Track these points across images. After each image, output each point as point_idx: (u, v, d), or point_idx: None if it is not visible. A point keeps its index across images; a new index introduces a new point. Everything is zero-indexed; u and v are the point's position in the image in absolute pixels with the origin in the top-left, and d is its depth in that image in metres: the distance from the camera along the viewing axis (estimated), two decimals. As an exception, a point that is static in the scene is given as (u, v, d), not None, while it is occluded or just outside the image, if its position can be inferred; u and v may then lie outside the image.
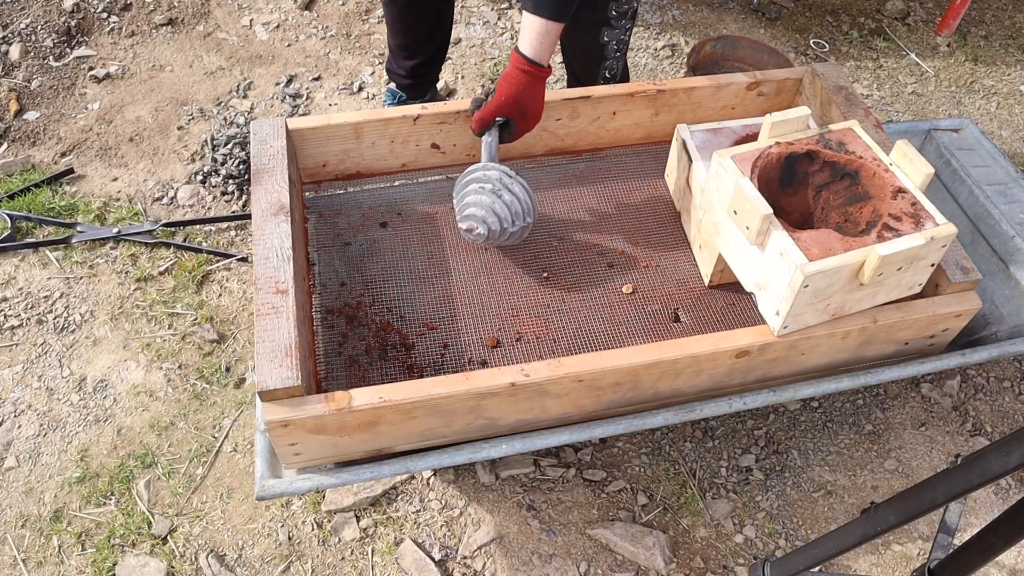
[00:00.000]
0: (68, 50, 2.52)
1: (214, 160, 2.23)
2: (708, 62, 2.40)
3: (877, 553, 1.63)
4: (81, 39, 2.56)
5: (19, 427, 1.75)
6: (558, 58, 2.64)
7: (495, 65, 2.59)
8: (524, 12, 1.45)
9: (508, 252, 1.65)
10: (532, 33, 1.44)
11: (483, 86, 2.54)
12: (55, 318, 1.92)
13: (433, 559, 1.58)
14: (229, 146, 2.25)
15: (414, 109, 1.64)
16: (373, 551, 1.60)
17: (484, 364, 1.49)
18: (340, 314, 1.54)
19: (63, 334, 1.90)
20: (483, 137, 1.55)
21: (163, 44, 2.59)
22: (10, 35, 2.48)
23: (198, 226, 2.12)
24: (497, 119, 1.52)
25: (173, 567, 1.57)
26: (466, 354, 1.50)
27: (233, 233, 2.12)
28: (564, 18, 1.44)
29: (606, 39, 1.85)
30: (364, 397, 1.24)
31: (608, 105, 1.73)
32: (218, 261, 2.05)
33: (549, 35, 1.44)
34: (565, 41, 1.96)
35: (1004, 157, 1.87)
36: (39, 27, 2.51)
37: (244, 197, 2.18)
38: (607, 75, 1.94)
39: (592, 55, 1.90)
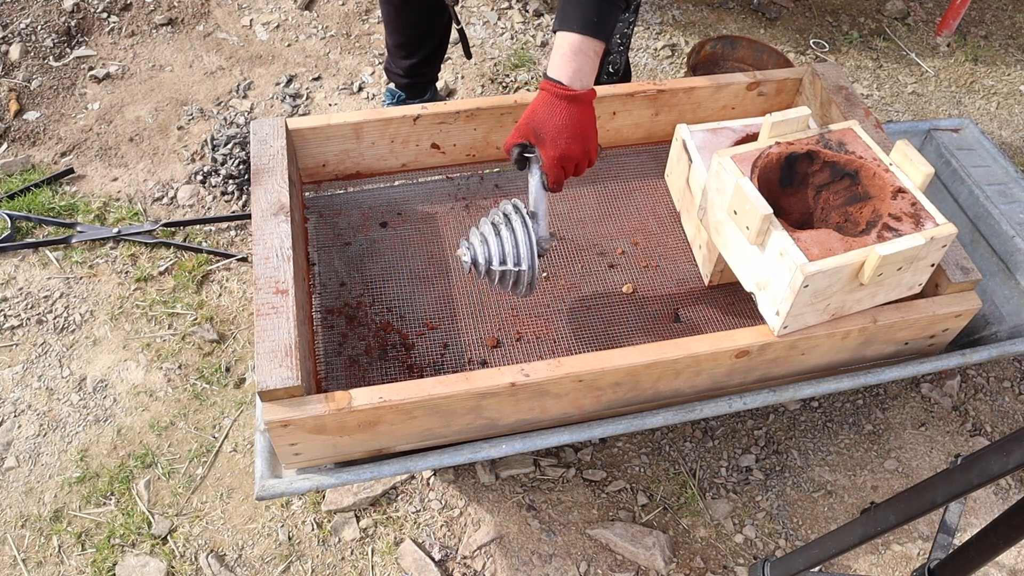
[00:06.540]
0: (68, 50, 2.52)
1: (214, 160, 2.23)
2: (708, 62, 2.40)
3: (877, 553, 1.63)
4: (81, 39, 2.56)
5: (19, 427, 1.75)
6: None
7: (495, 65, 2.59)
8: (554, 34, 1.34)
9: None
10: (555, 50, 1.32)
11: (483, 86, 2.54)
12: (55, 318, 1.92)
13: (433, 559, 1.58)
14: (229, 146, 2.25)
15: (414, 109, 1.64)
16: (373, 551, 1.60)
17: (484, 364, 1.49)
18: (340, 314, 1.54)
19: (63, 334, 1.90)
20: (529, 178, 1.38)
21: (163, 44, 2.59)
22: (10, 35, 2.48)
23: (198, 226, 2.11)
24: (517, 147, 1.34)
25: (173, 567, 1.57)
26: (466, 354, 1.50)
27: (233, 233, 2.12)
28: (590, 31, 1.29)
29: None
30: (364, 397, 1.24)
31: (608, 105, 1.73)
32: (218, 261, 2.05)
33: (584, 53, 1.30)
34: None
35: (1004, 157, 1.87)
36: (39, 27, 2.51)
37: (244, 197, 2.18)
38: (610, 69, 1.93)
39: None
